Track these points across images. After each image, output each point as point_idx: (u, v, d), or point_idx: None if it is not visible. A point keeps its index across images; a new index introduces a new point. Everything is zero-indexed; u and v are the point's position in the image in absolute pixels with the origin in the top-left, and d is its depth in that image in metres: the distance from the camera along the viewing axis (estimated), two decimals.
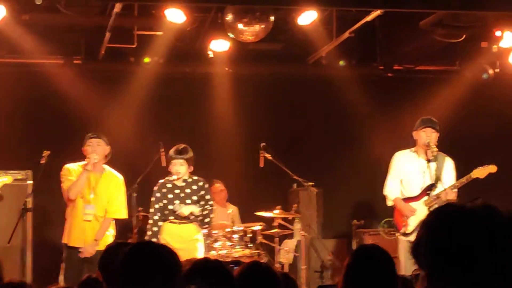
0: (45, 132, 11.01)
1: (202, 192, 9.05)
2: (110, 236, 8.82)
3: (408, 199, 8.90)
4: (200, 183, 9.08)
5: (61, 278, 8.89)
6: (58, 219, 9.36)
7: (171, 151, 9.00)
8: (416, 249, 2.08)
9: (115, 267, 3.68)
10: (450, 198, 8.58)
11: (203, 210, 9.00)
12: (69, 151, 9.06)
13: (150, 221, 9.04)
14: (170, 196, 8.99)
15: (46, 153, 9.05)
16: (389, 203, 9.03)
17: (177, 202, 8.93)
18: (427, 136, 8.78)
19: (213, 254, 9.49)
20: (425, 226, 2.08)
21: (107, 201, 8.79)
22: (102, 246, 8.17)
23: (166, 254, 3.67)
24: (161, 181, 9.10)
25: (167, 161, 9.13)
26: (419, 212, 8.70)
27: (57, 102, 11.36)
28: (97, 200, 8.73)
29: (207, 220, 9.10)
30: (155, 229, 8.96)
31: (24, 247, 9.84)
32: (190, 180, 9.06)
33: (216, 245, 9.77)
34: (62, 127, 10.99)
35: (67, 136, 9.44)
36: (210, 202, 9.15)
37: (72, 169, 8.79)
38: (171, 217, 8.97)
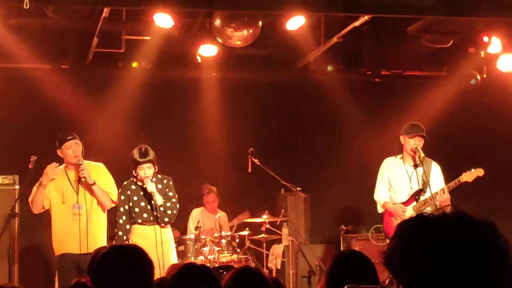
0: (32, 137, 10.96)
1: (166, 190, 8.88)
2: (103, 241, 8.73)
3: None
4: (165, 181, 8.90)
5: (57, 286, 8.83)
6: (45, 224, 9.32)
7: (135, 156, 8.76)
8: (389, 261, 2.07)
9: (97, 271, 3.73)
10: (442, 201, 8.58)
11: (165, 202, 8.80)
12: (56, 156, 9.02)
13: (117, 225, 8.89)
14: (135, 198, 8.86)
15: (33, 158, 9.01)
16: (380, 209, 9.05)
17: (143, 203, 8.83)
18: (415, 143, 8.83)
19: (201, 259, 9.49)
20: (396, 237, 2.07)
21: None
22: (92, 249, 8.09)
23: (137, 255, 3.72)
24: (124, 183, 8.95)
25: (132, 165, 8.84)
26: (409, 214, 8.73)
27: (44, 107, 11.32)
28: (83, 199, 8.63)
29: (169, 212, 8.81)
30: (120, 233, 8.83)
31: (11, 253, 9.81)
32: (154, 179, 8.87)
33: (204, 250, 9.77)
34: (50, 132, 10.92)
35: (55, 141, 9.38)
36: (173, 200, 8.89)
37: (51, 174, 8.70)
38: (139, 220, 8.82)
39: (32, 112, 11.35)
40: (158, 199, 8.74)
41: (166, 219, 8.83)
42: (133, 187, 8.90)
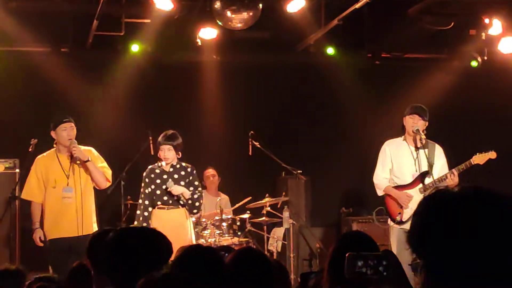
0: (32, 120, 10.94)
1: (190, 178, 9.04)
2: (94, 224, 8.66)
3: (400, 187, 8.72)
4: (188, 169, 9.08)
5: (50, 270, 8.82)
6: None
7: (160, 137, 9.01)
8: (412, 239, 2.06)
9: (101, 253, 3.65)
10: (452, 183, 8.51)
11: (192, 194, 8.99)
12: (42, 138, 8.98)
13: (140, 207, 9.03)
14: (158, 181, 8.99)
15: (33, 141, 9.03)
16: (380, 192, 8.86)
17: (170, 181, 8.93)
18: (414, 122, 8.69)
19: (202, 242, 9.49)
20: (417, 214, 2.06)
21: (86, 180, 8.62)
22: (86, 231, 8.24)
23: (154, 238, 3.64)
24: (149, 166, 9.12)
25: (155, 147, 9.14)
26: (415, 199, 8.59)
27: (44, 90, 11.31)
28: (73, 183, 8.53)
29: (197, 204, 9.05)
30: (145, 213, 8.97)
31: (12, 235, 9.83)
32: (178, 166, 9.06)
33: (205, 233, 9.79)
34: (50, 116, 10.91)
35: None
36: (199, 188, 9.13)
37: (42, 162, 8.65)
38: (159, 203, 8.96)
39: (32, 95, 11.34)
40: (186, 195, 8.93)
41: (195, 211, 9.12)
42: (157, 170, 9.06)
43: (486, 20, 10.81)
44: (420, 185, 8.65)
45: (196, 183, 9.10)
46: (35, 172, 8.65)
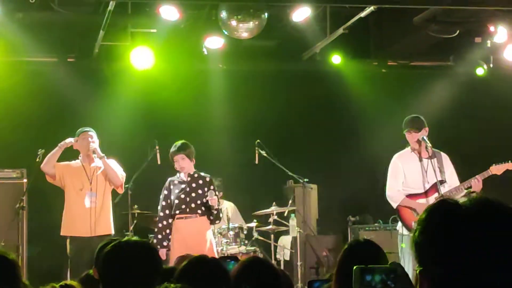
0: (39, 130, 10.99)
1: (211, 188, 9.13)
2: (111, 226, 9.10)
3: (414, 196, 8.73)
4: (207, 179, 9.19)
5: (68, 274, 8.87)
6: (53, 217, 9.37)
7: (171, 150, 9.13)
8: (416, 247, 2.08)
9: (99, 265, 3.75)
10: (478, 189, 8.52)
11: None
12: (64, 150, 9.06)
13: (158, 218, 9.20)
14: (176, 191, 9.09)
15: (41, 151, 9.12)
16: (395, 205, 8.73)
17: (182, 196, 9.03)
18: (413, 137, 8.70)
19: None
20: (421, 224, 2.07)
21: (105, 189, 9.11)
22: (101, 232, 8.85)
23: (146, 251, 3.73)
24: (169, 178, 9.24)
25: (162, 157, 9.21)
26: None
27: (51, 100, 11.36)
28: (96, 189, 8.99)
29: (220, 214, 9.29)
30: (160, 225, 9.08)
31: (19, 245, 9.85)
32: (196, 175, 9.18)
33: None
34: (57, 125, 10.95)
35: (62, 134, 9.41)
36: (220, 207, 9.31)
37: (66, 165, 9.14)
38: (177, 212, 9.04)
39: (39, 105, 11.36)
40: (215, 204, 9.05)
41: (218, 221, 9.35)
42: (176, 181, 9.16)
43: (492, 28, 10.82)
44: (436, 194, 8.62)
45: (217, 192, 9.22)
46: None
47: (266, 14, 10.14)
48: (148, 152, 9.99)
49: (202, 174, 9.21)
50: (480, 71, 11.93)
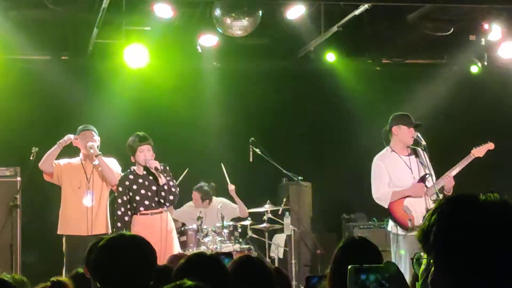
0: (33, 128, 10.97)
1: (165, 174, 8.81)
2: (108, 225, 9.10)
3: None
4: (161, 166, 8.80)
5: (64, 272, 8.83)
6: (47, 215, 9.36)
7: (134, 140, 8.81)
8: (426, 236, 2.08)
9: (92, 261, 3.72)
10: (450, 185, 8.52)
11: (168, 181, 8.76)
12: (71, 152, 9.12)
13: (115, 217, 8.87)
14: (134, 187, 8.80)
15: (34, 149, 9.12)
16: (386, 204, 8.62)
17: (143, 191, 8.79)
18: (410, 133, 8.66)
19: (203, 249, 9.49)
20: (439, 215, 2.08)
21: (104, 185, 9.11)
22: (98, 231, 8.76)
23: (140, 245, 3.70)
24: (121, 175, 8.96)
25: (131, 151, 8.85)
26: (421, 203, 8.49)
27: (45, 98, 11.34)
28: (94, 187, 9.01)
29: (173, 190, 8.79)
30: (119, 224, 8.75)
31: (13, 244, 9.83)
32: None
33: (206, 240, 9.78)
34: (50, 124, 10.94)
35: (56, 132, 9.40)
36: (174, 181, 8.98)
37: (67, 163, 9.13)
38: (141, 208, 8.75)
39: (32, 103, 11.35)
40: (162, 177, 8.69)
41: (171, 197, 8.76)
42: (131, 176, 8.85)
43: (486, 26, 10.83)
44: (424, 188, 8.59)
45: (171, 176, 8.89)
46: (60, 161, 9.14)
47: (260, 12, 10.14)
48: None
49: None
50: (474, 69, 11.95)
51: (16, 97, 11.29)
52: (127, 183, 8.83)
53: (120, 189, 8.83)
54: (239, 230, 10.16)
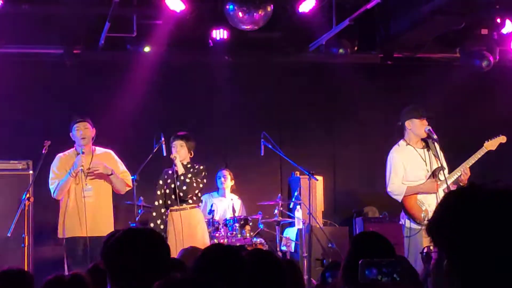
0: (45, 122, 11.01)
1: (199, 174, 9.05)
2: (111, 223, 8.93)
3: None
4: (201, 167, 9.10)
5: (66, 268, 8.86)
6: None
7: (172, 137, 9.11)
8: (436, 229, 2.08)
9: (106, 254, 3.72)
10: (465, 178, 8.53)
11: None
12: (69, 141, 9.06)
13: (152, 207, 9.15)
14: (169, 181, 9.05)
15: (47, 143, 9.09)
16: (400, 198, 8.62)
17: (172, 185, 8.97)
18: (423, 125, 8.66)
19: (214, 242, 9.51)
20: (445, 208, 2.08)
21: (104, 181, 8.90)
22: (103, 232, 8.21)
23: (153, 239, 3.70)
24: (165, 169, 9.18)
25: (168, 148, 9.15)
26: (434, 197, 8.49)
27: (57, 91, 11.37)
28: (93, 182, 8.82)
29: (195, 185, 9.04)
30: (154, 214, 9.01)
31: (25, 238, 9.85)
32: (189, 165, 9.10)
33: (217, 233, 9.79)
34: (63, 117, 10.96)
35: (68, 126, 9.43)
36: (201, 184, 9.12)
37: (63, 158, 8.94)
38: (169, 202, 9.01)
39: (44, 97, 11.38)
40: (180, 167, 8.93)
41: (184, 187, 8.98)
42: (170, 171, 9.10)
43: (498, 20, 10.80)
44: (438, 182, 8.58)
45: (200, 179, 9.08)
46: (56, 169, 8.92)
47: (271, 5, 10.13)
48: (153, 143, 9.97)
49: (196, 164, 9.15)
50: (486, 63, 11.90)
51: (28, 91, 11.33)
52: (166, 176, 9.14)
53: (161, 181, 9.13)
54: (251, 223, 10.17)
